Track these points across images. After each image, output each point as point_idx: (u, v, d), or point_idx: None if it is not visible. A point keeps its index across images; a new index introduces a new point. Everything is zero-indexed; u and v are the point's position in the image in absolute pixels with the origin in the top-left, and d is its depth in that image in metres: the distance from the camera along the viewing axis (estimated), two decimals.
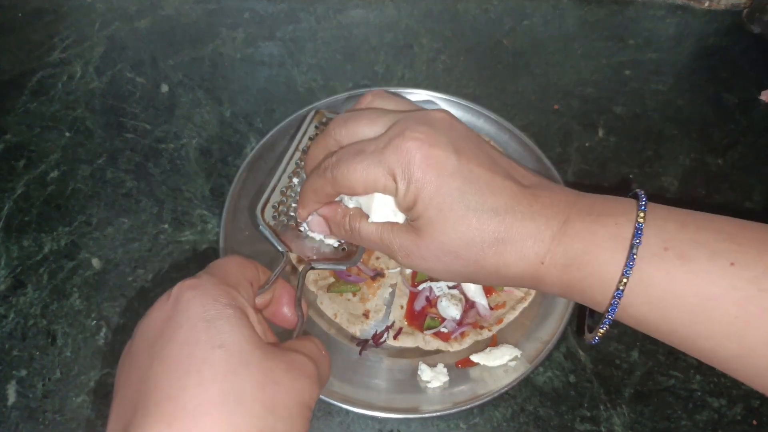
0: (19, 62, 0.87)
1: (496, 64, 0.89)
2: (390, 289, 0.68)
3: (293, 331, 0.41)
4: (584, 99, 0.85)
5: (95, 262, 0.70)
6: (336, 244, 0.49)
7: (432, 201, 0.37)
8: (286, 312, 0.40)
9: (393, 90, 0.72)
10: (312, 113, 0.54)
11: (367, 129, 0.41)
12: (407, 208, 0.39)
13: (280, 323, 0.41)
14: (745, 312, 0.32)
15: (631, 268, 0.34)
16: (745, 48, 0.91)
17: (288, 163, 0.51)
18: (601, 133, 0.82)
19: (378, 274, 0.68)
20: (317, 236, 0.49)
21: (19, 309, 0.66)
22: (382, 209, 0.41)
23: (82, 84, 0.85)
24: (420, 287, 0.66)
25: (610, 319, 0.37)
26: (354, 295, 0.67)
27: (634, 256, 0.34)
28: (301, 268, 0.46)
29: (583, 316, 0.56)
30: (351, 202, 0.45)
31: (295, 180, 0.51)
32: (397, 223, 0.42)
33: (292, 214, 0.48)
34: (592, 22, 0.94)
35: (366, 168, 0.39)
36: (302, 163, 0.52)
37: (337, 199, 0.46)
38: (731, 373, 0.36)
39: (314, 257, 0.47)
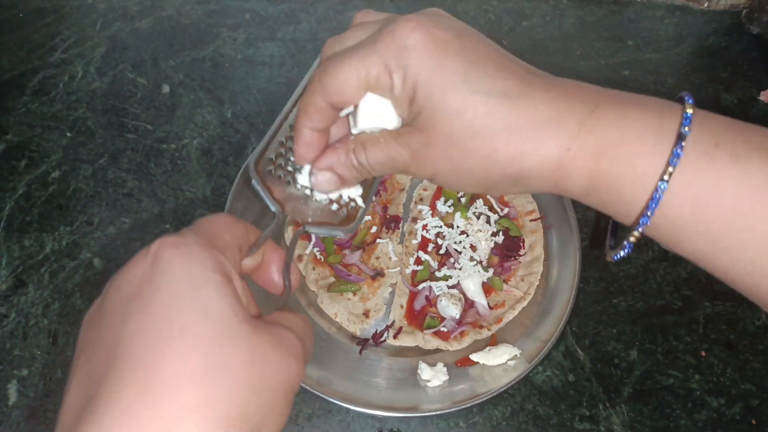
0: (20, 62, 0.88)
1: None
2: (390, 289, 0.68)
3: (279, 298, 0.37)
4: None
5: (96, 262, 0.70)
6: (335, 207, 0.43)
7: (432, 88, 0.33)
8: (275, 278, 0.36)
9: None
10: (318, 59, 0.49)
11: (360, 34, 0.36)
12: (407, 103, 0.34)
13: (267, 288, 0.37)
14: None
15: (678, 157, 0.30)
16: (744, 48, 0.91)
17: (289, 111, 0.44)
18: None
19: (378, 274, 0.68)
20: (323, 197, 0.42)
21: (20, 308, 0.66)
22: (371, 113, 0.36)
23: (84, 84, 0.86)
24: (420, 287, 0.67)
25: (648, 216, 0.31)
26: (354, 294, 0.67)
27: (683, 144, 0.30)
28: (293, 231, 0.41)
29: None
30: (355, 129, 0.38)
31: None
32: (400, 133, 0.36)
33: (290, 169, 0.43)
34: (591, 22, 0.94)
35: (356, 63, 0.34)
36: None
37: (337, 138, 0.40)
38: (762, 295, 0.32)
39: (310, 220, 0.42)
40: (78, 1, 0.95)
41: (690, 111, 0.31)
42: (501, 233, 0.70)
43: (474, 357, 0.61)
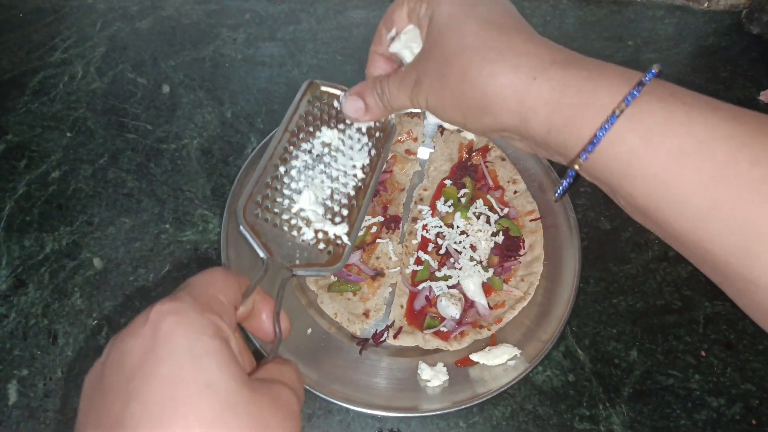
0: (20, 62, 0.88)
1: None
2: (390, 289, 0.68)
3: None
4: None
5: (96, 262, 0.70)
6: (321, 246, 0.44)
7: (443, 11, 0.39)
8: (266, 326, 0.37)
9: None
10: (305, 85, 0.49)
11: None
12: (427, 26, 0.41)
13: (258, 336, 0.38)
14: (734, 160, 0.30)
15: (633, 97, 0.32)
16: (744, 48, 0.91)
17: (275, 149, 0.45)
18: None
19: (378, 274, 0.68)
20: (310, 236, 0.44)
21: (20, 308, 0.66)
22: (407, 39, 0.44)
23: (84, 84, 0.86)
24: (420, 287, 0.67)
25: (594, 144, 0.33)
26: (354, 294, 0.67)
27: (641, 87, 0.32)
28: (280, 277, 0.41)
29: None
30: (391, 48, 0.45)
31: (282, 168, 0.45)
32: (414, 60, 0.43)
33: (276, 211, 0.44)
34: (591, 22, 0.94)
35: None
36: (291, 147, 0.46)
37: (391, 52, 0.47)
38: (687, 237, 0.33)
39: (297, 263, 0.43)
40: (78, 1, 0.95)
41: (656, 69, 0.33)
42: (501, 233, 0.70)
43: (474, 357, 0.61)
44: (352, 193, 0.47)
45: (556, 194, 0.38)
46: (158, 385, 0.27)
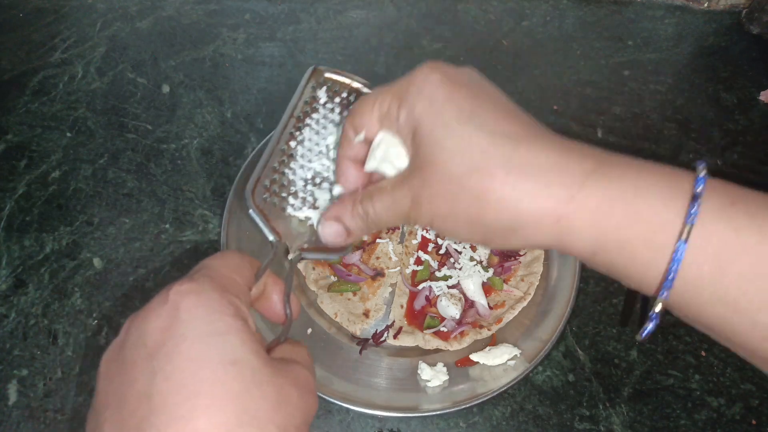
0: (20, 62, 0.88)
1: (496, 64, 0.89)
2: (390, 289, 0.68)
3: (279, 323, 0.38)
4: (583, 99, 0.85)
5: (96, 262, 0.70)
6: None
7: (438, 121, 0.33)
8: (278, 308, 0.38)
9: None
10: (309, 71, 0.48)
11: None
12: (410, 136, 0.35)
13: (269, 318, 0.38)
14: None
15: (695, 216, 0.28)
16: (744, 48, 0.91)
17: (281, 134, 0.45)
18: (600, 133, 0.82)
19: (378, 274, 0.68)
20: (315, 220, 0.43)
21: (20, 308, 0.66)
22: (383, 152, 0.37)
23: (84, 84, 0.86)
24: (420, 287, 0.67)
25: (670, 279, 0.29)
26: (354, 294, 0.67)
27: (699, 201, 0.28)
28: (290, 258, 0.41)
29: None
30: (366, 167, 0.40)
31: (289, 153, 0.45)
32: (402, 176, 0.36)
33: (284, 195, 0.44)
34: (591, 22, 0.94)
35: (376, 94, 0.36)
36: (297, 132, 0.46)
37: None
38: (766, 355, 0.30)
39: (305, 246, 0.43)
40: (78, 1, 0.95)
41: (703, 173, 0.30)
42: None
43: (474, 357, 0.61)
44: None
45: (642, 335, 0.33)
46: (183, 362, 0.27)
